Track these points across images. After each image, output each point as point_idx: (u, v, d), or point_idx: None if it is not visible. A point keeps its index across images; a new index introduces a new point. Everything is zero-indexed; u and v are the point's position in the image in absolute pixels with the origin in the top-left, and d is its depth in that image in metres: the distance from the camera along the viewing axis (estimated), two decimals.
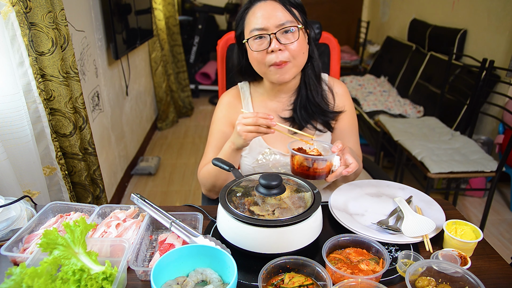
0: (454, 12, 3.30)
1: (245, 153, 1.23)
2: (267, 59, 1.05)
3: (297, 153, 0.99)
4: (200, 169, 1.21)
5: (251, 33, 1.06)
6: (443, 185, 2.72)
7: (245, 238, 0.84)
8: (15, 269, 0.70)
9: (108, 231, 0.91)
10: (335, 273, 0.77)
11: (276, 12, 1.03)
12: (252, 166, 1.23)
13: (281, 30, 1.03)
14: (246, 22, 1.08)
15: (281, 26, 1.03)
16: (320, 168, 0.99)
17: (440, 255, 0.83)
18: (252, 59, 1.10)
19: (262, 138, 1.21)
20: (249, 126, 0.98)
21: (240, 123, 1.00)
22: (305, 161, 0.98)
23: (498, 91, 2.40)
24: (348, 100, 1.24)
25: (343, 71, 4.72)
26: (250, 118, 0.98)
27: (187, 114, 4.38)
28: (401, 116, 3.10)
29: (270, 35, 1.03)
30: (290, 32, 1.04)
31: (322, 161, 0.98)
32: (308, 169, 0.99)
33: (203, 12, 4.70)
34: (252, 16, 1.06)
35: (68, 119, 1.47)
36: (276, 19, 1.03)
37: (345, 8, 5.36)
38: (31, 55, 1.29)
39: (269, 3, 1.05)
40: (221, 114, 1.23)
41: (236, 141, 1.04)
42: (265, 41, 1.05)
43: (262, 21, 1.03)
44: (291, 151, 1.00)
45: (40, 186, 1.37)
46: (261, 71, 1.11)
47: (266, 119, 0.97)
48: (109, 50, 2.55)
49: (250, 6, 1.08)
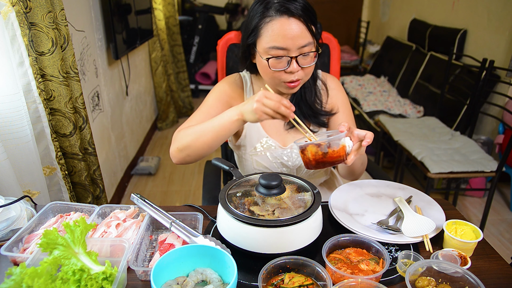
0: (454, 12, 3.30)
1: (242, 141, 1.22)
2: (283, 77, 1.04)
3: (307, 143, 0.93)
4: (182, 128, 1.11)
5: (269, 50, 1.01)
6: (443, 185, 2.72)
7: (245, 238, 0.84)
8: (15, 269, 0.70)
9: (108, 231, 0.91)
10: (335, 273, 0.77)
11: (300, 33, 0.99)
12: (250, 154, 1.22)
13: (302, 54, 1.01)
14: (264, 33, 1.02)
15: (302, 47, 1.00)
16: (337, 151, 0.92)
17: (440, 255, 0.83)
18: (265, 73, 1.07)
19: (261, 126, 1.20)
20: (268, 109, 0.93)
21: (261, 101, 0.92)
22: (319, 149, 0.92)
23: (498, 91, 2.40)
24: (342, 93, 1.24)
25: (343, 71, 4.72)
26: (273, 102, 0.91)
27: (187, 114, 4.38)
28: (401, 116, 3.10)
29: (291, 58, 1.01)
30: (308, 54, 1.02)
31: (335, 142, 0.92)
32: (324, 155, 0.92)
33: (203, 12, 4.70)
34: (275, 32, 1.00)
35: (68, 119, 1.47)
36: (299, 40, 0.99)
37: (345, 8, 5.36)
38: (31, 55, 1.29)
39: (293, 22, 0.99)
40: (222, 89, 1.20)
41: (248, 115, 0.97)
42: (284, 60, 1.02)
43: (285, 41, 0.99)
44: (300, 145, 0.95)
45: (40, 186, 1.37)
46: (271, 83, 1.09)
47: (288, 110, 0.93)
48: (109, 50, 2.55)
49: (272, 18, 1.00)
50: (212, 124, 1.02)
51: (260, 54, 1.04)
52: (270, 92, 0.95)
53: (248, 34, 1.06)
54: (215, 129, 1.01)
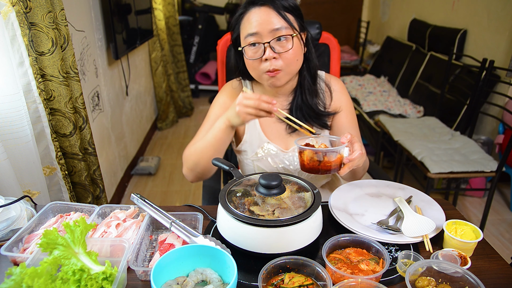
0: (454, 12, 3.30)
1: (244, 146, 1.23)
2: (261, 66, 1.06)
3: (306, 148, 0.95)
4: (188, 147, 1.17)
5: (246, 39, 1.06)
6: (443, 185, 2.72)
7: (245, 238, 0.84)
8: (15, 269, 0.70)
9: (108, 231, 0.91)
10: (335, 273, 0.77)
11: (270, 17, 1.03)
12: (252, 159, 1.23)
13: (275, 38, 1.03)
14: (242, 27, 1.08)
15: (275, 31, 1.03)
16: (332, 161, 0.94)
17: (440, 255, 0.83)
18: (248, 65, 1.11)
19: (262, 132, 1.21)
20: (250, 109, 0.96)
21: (241, 104, 0.97)
22: (315, 155, 0.94)
23: (498, 91, 2.40)
24: (345, 96, 1.24)
25: (343, 71, 4.72)
26: (252, 101, 0.95)
27: (187, 114, 4.38)
28: (401, 116, 3.10)
29: (264, 44, 1.03)
30: (284, 40, 1.04)
31: (332, 153, 0.94)
32: (319, 163, 0.94)
33: (203, 12, 4.70)
34: (247, 21, 1.06)
35: (68, 119, 1.47)
36: (270, 24, 1.02)
37: (345, 8, 5.35)
38: (31, 55, 1.29)
39: (263, 9, 1.04)
40: (221, 100, 1.22)
41: (233, 119, 1.02)
42: (259, 49, 1.05)
43: (256, 26, 1.03)
44: (299, 146, 0.96)
45: (40, 186, 1.37)
46: (256, 76, 1.11)
47: (269, 105, 0.95)
48: (109, 50, 2.55)
49: (245, 11, 1.07)
50: (208, 139, 1.09)
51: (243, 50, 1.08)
52: (249, 92, 0.99)
53: (232, 31, 1.13)
54: (211, 143, 1.08)
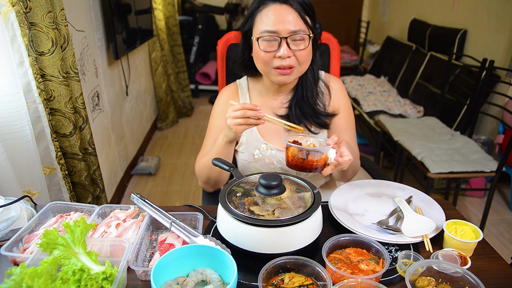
0: (454, 12, 3.30)
1: (241, 148, 1.24)
2: (274, 61, 1.06)
3: (291, 145, 0.97)
4: (198, 161, 1.22)
5: (261, 34, 1.05)
6: (443, 185, 2.72)
7: (245, 238, 0.84)
8: (15, 269, 0.70)
9: (108, 231, 0.91)
10: (335, 273, 0.77)
11: (291, 18, 1.03)
12: (249, 161, 1.23)
13: (292, 36, 1.03)
14: (257, 20, 1.06)
15: (293, 33, 1.03)
16: (315, 161, 0.97)
17: (440, 255, 0.83)
18: (258, 58, 1.10)
19: (259, 133, 1.21)
20: (238, 119, 0.98)
21: (230, 116, 1.00)
22: (299, 153, 0.97)
23: (498, 91, 2.40)
24: (344, 96, 1.24)
25: (343, 71, 4.72)
26: (238, 111, 0.98)
27: (187, 114, 4.38)
28: (401, 116, 3.10)
29: (281, 38, 1.03)
30: (301, 40, 1.04)
31: (316, 153, 0.96)
32: (302, 161, 0.97)
33: (203, 12, 4.70)
34: (265, 16, 1.04)
35: (68, 119, 1.47)
36: (289, 25, 1.02)
37: (345, 8, 5.36)
38: (31, 55, 1.29)
39: (284, 8, 1.03)
40: (219, 109, 1.24)
41: (228, 134, 1.05)
42: (275, 43, 1.04)
43: (275, 24, 1.03)
44: (286, 143, 0.99)
45: (40, 186, 1.37)
46: (264, 70, 1.11)
47: (254, 111, 0.97)
48: (109, 50, 2.55)
49: (264, 5, 1.06)
50: (213, 155, 1.12)
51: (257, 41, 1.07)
52: (235, 104, 1.01)
53: (245, 22, 1.11)
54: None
